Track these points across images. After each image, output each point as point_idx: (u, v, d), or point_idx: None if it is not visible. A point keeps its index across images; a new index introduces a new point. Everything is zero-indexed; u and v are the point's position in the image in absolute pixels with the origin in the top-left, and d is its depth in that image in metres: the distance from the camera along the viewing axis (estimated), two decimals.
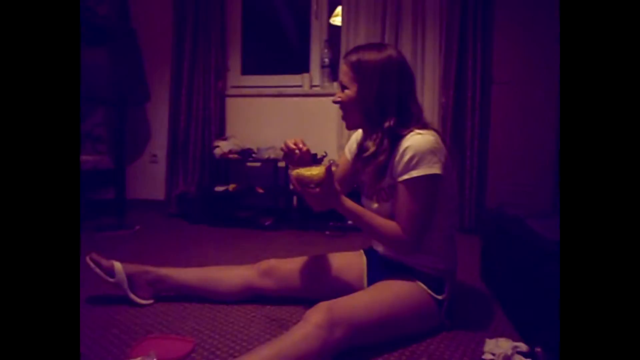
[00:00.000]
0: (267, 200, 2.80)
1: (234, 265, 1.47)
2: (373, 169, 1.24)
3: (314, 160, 1.16)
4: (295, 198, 2.75)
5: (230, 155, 2.73)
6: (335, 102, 1.27)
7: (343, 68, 1.24)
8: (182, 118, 2.93)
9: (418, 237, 1.17)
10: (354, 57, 1.21)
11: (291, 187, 1.15)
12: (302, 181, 1.11)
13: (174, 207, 2.94)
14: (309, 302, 1.06)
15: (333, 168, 1.11)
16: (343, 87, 1.24)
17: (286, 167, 2.49)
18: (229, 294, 1.39)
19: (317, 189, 1.10)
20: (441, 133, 1.21)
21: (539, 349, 1.02)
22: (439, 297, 1.20)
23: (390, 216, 1.19)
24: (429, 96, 2.68)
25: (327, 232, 2.55)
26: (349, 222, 2.63)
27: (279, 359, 0.91)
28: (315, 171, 1.09)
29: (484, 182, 2.65)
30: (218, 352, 1.10)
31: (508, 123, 2.65)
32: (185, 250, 2.09)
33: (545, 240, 1.10)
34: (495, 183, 2.65)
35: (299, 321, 1.01)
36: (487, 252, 1.69)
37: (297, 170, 1.11)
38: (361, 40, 2.60)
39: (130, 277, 1.35)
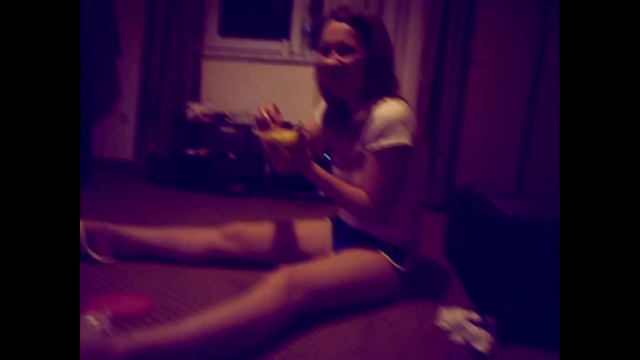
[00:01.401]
0: (239, 167, 2.76)
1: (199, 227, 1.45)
2: (344, 136, 1.23)
3: (286, 126, 1.13)
4: (267, 166, 2.72)
5: (204, 119, 2.67)
6: (333, 66, 1.13)
7: (342, 27, 1.12)
8: (154, 76, 2.82)
9: (384, 207, 1.17)
10: (356, 14, 1.11)
11: (264, 153, 1.12)
12: (273, 145, 1.09)
13: (142, 168, 2.86)
14: (273, 267, 1.06)
15: (305, 133, 1.09)
16: (342, 50, 1.12)
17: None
18: (192, 255, 1.38)
19: (288, 154, 1.08)
20: (414, 107, 1.20)
21: (489, 317, 1.06)
22: (400, 268, 1.23)
23: (359, 185, 1.19)
24: (408, 73, 2.67)
25: (298, 202, 2.55)
26: (320, 192, 2.65)
27: (237, 318, 0.92)
28: (287, 135, 1.07)
29: (455, 160, 2.70)
30: (178, 312, 1.09)
31: (482, 104, 2.68)
32: (151, 213, 2.05)
33: (504, 216, 1.12)
34: (466, 162, 2.70)
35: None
36: (451, 229, 1.73)
37: (268, 134, 1.09)
38: None
39: (89, 233, 1.31)
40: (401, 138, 1.11)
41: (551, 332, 1.07)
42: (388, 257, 1.22)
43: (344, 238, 1.33)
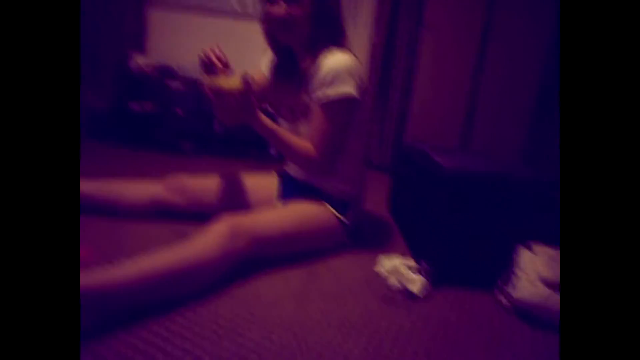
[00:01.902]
0: (188, 124, 2.67)
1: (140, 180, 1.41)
2: (291, 87, 1.22)
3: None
4: (217, 123, 2.66)
5: (148, 71, 2.53)
6: (281, 16, 1.12)
7: None
8: (92, 22, 2.62)
9: (330, 158, 1.19)
10: None
11: (208, 101, 1.08)
12: (218, 91, 1.05)
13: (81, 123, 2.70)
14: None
15: (250, 80, 1.07)
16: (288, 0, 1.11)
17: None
18: (135, 208, 1.34)
19: (233, 102, 1.05)
20: (366, 68, 1.21)
21: (424, 263, 1.14)
22: (344, 219, 1.27)
23: (305, 137, 1.20)
24: (361, 33, 2.66)
25: (249, 160, 2.52)
26: (271, 150, 2.63)
27: (178, 263, 0.91)
28: (232, 81, 1.04)
29: (405, 122, 2.76)
30: None
31: (432, 66, 2.73)
32: (92, 171, 1.96)
33: (442, 168, 1.18)
34: (415, 124, 2.77)
35: None
36: (395, 185, 1.79)
37: (213, 79, 1.05)
38: None
39: None
40: (347, 88, 1.12)
41: (479, 275, 1.16)
42: (332, 209, 1.25)
43: (290, 190, 1.35)
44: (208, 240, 0.98)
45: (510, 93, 2.67)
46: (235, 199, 1.36)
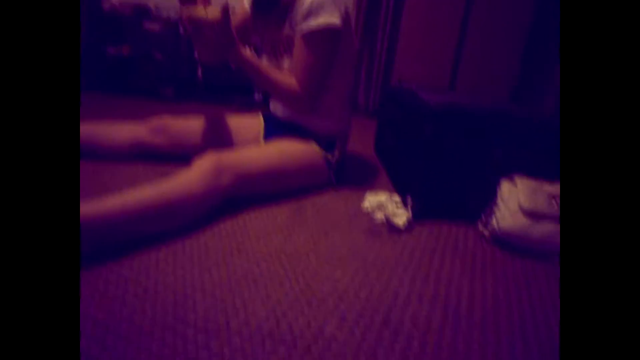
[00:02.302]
0: (168, 68, 2.58)
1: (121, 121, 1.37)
2: (273, 20, 1.17)
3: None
4: (200, 68, 2.57)
5: (122, 10, 2.39)
6: None
7: None
8: None
9: (314, 93, 1.17)
10: None
11: (186, 33, 1.02)
12: (196, 23, 1.00)
13: None
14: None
15: (230, 10, 1.02)
16: None
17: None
18: (117, 150, 1.31)
19: (213, 34, 1.00)
20: (353, 10, 1.15)
21: (409, 197, 1.15)
22: (329, 156, 1.26)
23: (288, 72, 1.17)
24: None
25: (233, 106, 2.47)
26: (255, 96, 2.57)
27: (162, 198, 0.91)
28: (211, 11, 0.99)
29: (391, 65, 2.71)
30: None
31: (420, 9, 2.64)
32: None
33: (428, 105, 1.17)
34: (402, 68, 2.72)
35: None
36: (382, 126, 1.78)
37: (191, 10, 1.00)
38: None
39: None
40: (331, 18, 1.08)
41: (463, 209, 1.19)
42: (317, 146, 1.24)
43: (275, 130, 1.33)
44: (192, 176, 0.97)
45: (501, 33, 2.62)
46: (219, 139, 1.34)
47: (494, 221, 1.08)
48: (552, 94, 2.17)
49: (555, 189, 1.06)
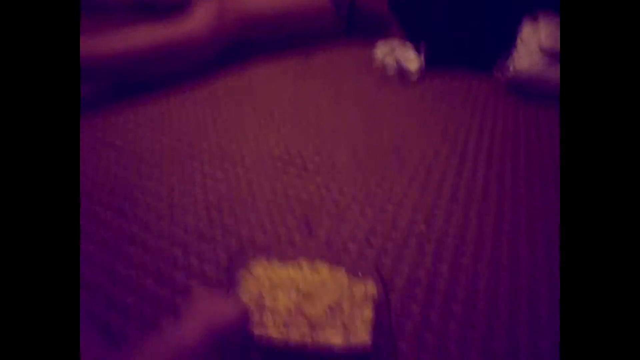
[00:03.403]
0: None
1: None
2: None
3: None
4: None
5: None
6: None
7: None
8: None
9: None
10: None
11: None
12: None
13: None
14: None
15: None
16: None
17: None
18: (115, 2, 1.24)
19: None
20: None
21: (422, 43, 1.10)
22: (340, 2, 1.18)
23: None
24: None
25: None
26: None
27: (167, 39, 0.89)
28: None
29: None
30: None
31: None
32: None
33: None
34: None
35: None
36: None
37: None
38: None
39: None
40: None
41: (480, 57, 1.14)
42: None
43: None
44: (196, 18, 0.93)
45: None
46: None
47: (510, 63, 1.03)
48: None
49: None
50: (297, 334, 0.42)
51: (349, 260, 0.54)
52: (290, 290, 0.45)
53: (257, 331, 0.41)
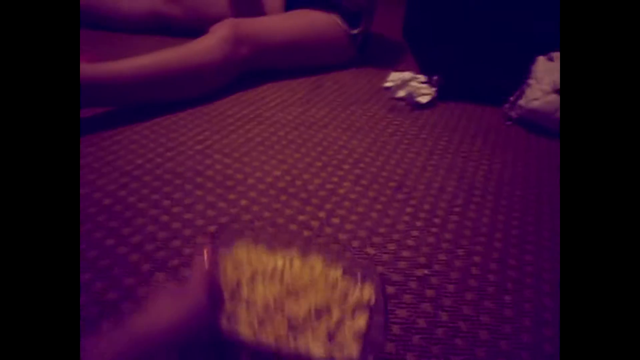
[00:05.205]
0: None
1: None
2: None
3: None
4: None
5: None
6: None
7: None
8: None
9: None
10: None
11: None
12: None
13: None
14: None
15: None
16: None
17: None
18: (132, 20, 1.27)
19: None
20: None
21: (436, 76, 1.10)
22: (354, 31, 1.19)
23: None
24: None
25: None
26: None
27: (179, 63, 0.89)
28: None
29: None
30: None
31: None
32: None
33: None
34: None
35: None
36: (412, 5, 1.63)
37: None
38: None
39: None
40: None
41: (491, 91, 1.13)
42: (341, 19, 1.16)
43: (297, 1, 1.24)
44: (210, 43, 0.94)
45: None
46: (239, 9, 1.26)
47: (522, 101, 1.02)
48: None
49: None
50: (272, 335, 0.35)
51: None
52: (272, 282, 0.39)
53: (225, 325, 0.35)
